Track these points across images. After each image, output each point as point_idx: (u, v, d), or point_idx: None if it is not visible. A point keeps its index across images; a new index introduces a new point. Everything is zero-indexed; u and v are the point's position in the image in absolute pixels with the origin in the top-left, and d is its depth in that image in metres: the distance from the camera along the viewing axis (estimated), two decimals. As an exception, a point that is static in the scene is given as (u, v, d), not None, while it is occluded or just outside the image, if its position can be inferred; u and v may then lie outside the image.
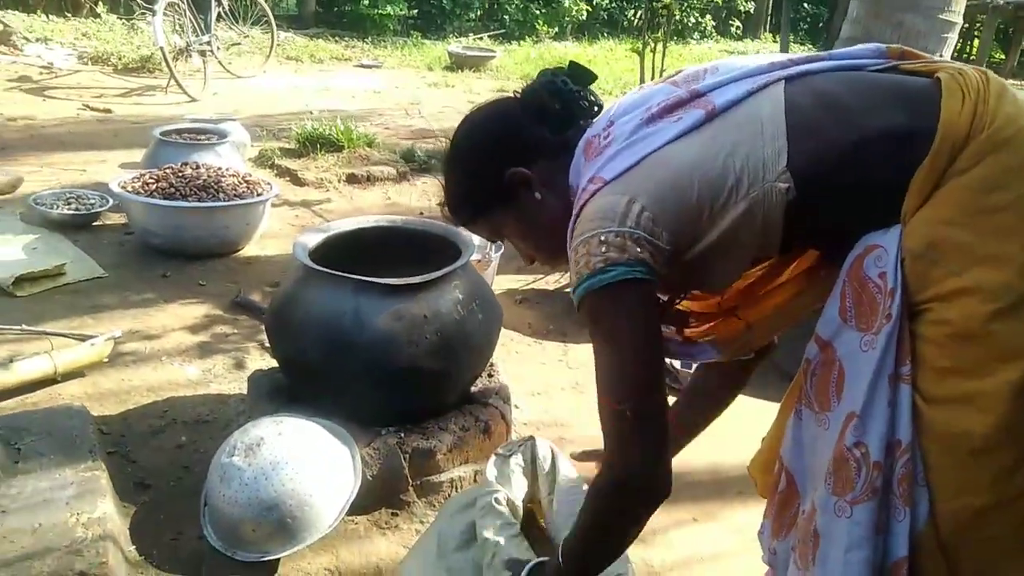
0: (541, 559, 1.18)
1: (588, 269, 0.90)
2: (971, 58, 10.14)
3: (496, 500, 1.37)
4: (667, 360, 2.52)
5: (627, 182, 0.92)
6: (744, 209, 0.90)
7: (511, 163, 1.05)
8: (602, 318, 0.92)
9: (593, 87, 1.12)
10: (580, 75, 1.10)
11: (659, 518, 1.85)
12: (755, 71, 0.95)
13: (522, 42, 10.85)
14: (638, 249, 0.89)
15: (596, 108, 1.08)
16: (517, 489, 1.47)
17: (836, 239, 0.92)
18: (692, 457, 2.04)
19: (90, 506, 1.52)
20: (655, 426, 0.92)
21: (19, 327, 2.38)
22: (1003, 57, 11.51)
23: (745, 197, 0.89)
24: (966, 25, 10.21)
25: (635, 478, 0.92)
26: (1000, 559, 0.83)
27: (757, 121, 0.90)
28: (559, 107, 1.06)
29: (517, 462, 1.52)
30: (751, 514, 1.14)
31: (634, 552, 1.75)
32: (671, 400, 1.16)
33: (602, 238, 0.90)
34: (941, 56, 2.90)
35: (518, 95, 1.10)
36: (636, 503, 0.94)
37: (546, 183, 1.05)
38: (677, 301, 1.14)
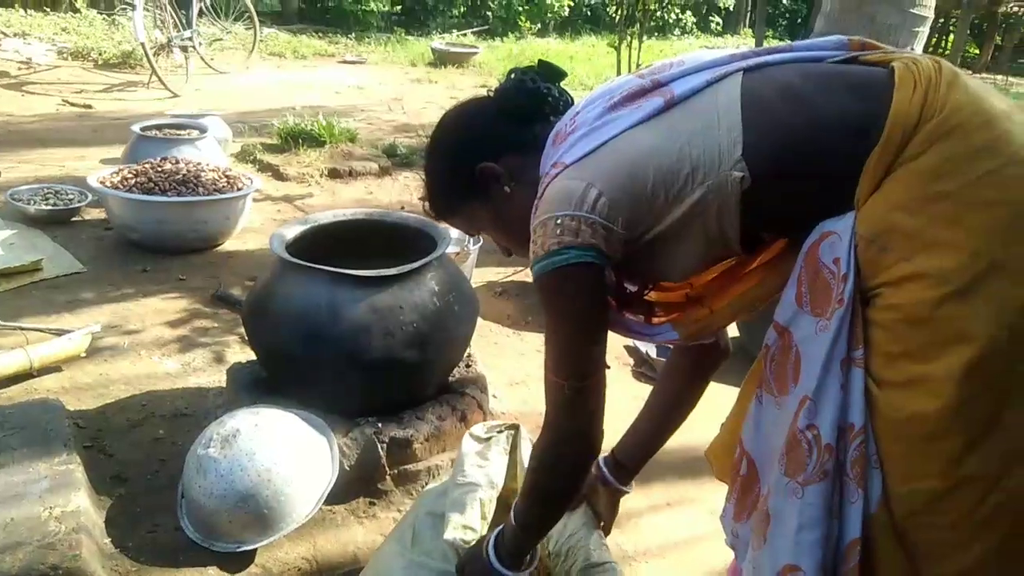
0: (497, 528, 1.21)
1: (543, 250, 0.95)
2: (946, 53, 10.23)
3: (472, 498, 1.38)
4: (643, 348, 2.56)
5: (586, 167, 0.96)
6: (699, 197, 0.92)
7: (482, 158, 1.09)
8: (552, 297, 0.98)
9: (566, 84, 1.16)
10: (550, 73, 1.14)
11: (633, 503, 1.89)
12: (716, 62, 0.97)
13: (505, 38, 10.85)
14: (591, 234, 0.93)
15: (565, 103, 1.12)
16: (496, 474, 1.48)
17: (797, 227, 0.93)
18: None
19: (64, 500, 1.52)
20: (590, 400, 1.01)
21: (-5, 322, 2.37)
22: (978, 52, 11.64)
23: (701, 185, 0.92)
24: (941, 20, 10.33)
25: (568, 442, 1.04)
26: (953, 544, 0.84)
27: (713, 111, 0.93)
28: (529, 104, 1.10)
29: (498, 447, 1.53)
30: (724, 498, 1.17)
31: (607, 537, 1.77)
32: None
33: (558, 220, 0.93)
34: (912, 50, 2.95)
35: (491, 94, 1.15)
36: (568, 463, 1.06)
37: (516, 177, 1.09)
38: (645, 292, 1.16)
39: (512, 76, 1.12)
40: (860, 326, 0.87)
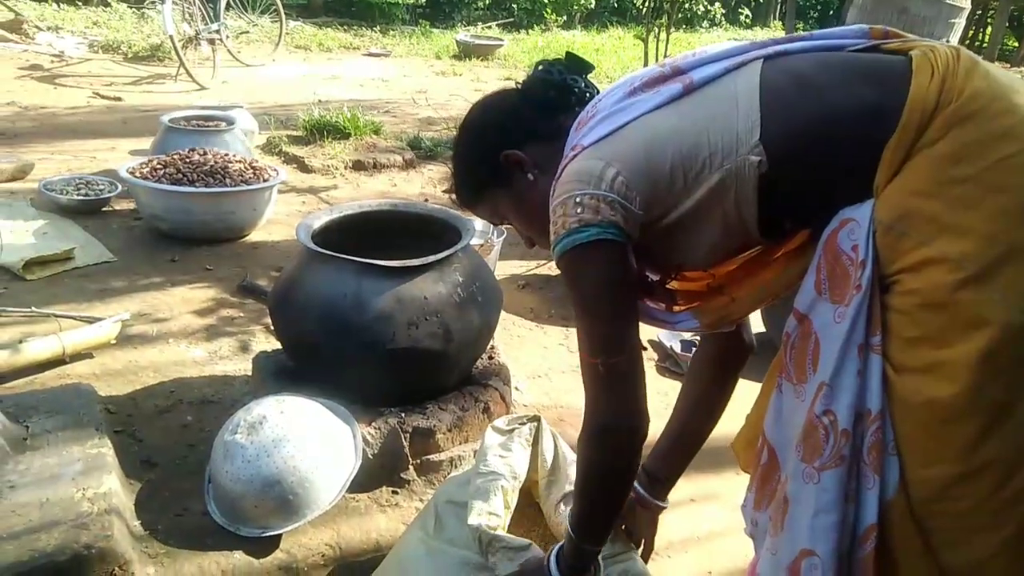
0: (557, 545, 1.18)
1: (564, 229, 0.96)
2: (983, 46, 10.01)
3: (495, 487, 1.39)
4: (667, 343, 2.54)
5: (604, 148, 0.97)
6: (717, 181, 0.93)
7: (507, 147, 1.11)
8: (576, 277, 0.98)
9: (593, 77, 1.18)
10: (576, 65, 1.16)
11: (656, 498, 1.88)
12: (736, 51, 0.99)
13: (530, 31, 10.82)
14: (611, 212, 0.94)
15: (591, 95, 1.13)
16: (518, 466, 1.49)
17: (819, 216, 0.93)
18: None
19: (96, 482, 1.55)
20: (627, 377, 0.99)
21: (28, 309, 2.42)
22: (1016, 45, 11.37)
23: (719, 169, 0.92)
24: (979, 12, 10.10)
25: (611, 424, 1.00)
26: (971, 531, 0.84)
27: (733, 97, 0.93)
28: (554, 95, 1.12)
29: (520, 439, 1.54)
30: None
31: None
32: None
33: (577, 199, 0.95)
34: (947, 42, 2.89)
35: (519, 85, 1.17)
36: (615, 446, 1.02)
37: (540, 165, 1.10)
38: (668, 280, 1.16)
39: (539, 68, 1.15)
40: (878, 312, 0.87)
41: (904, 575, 0.87)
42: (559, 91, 1.12)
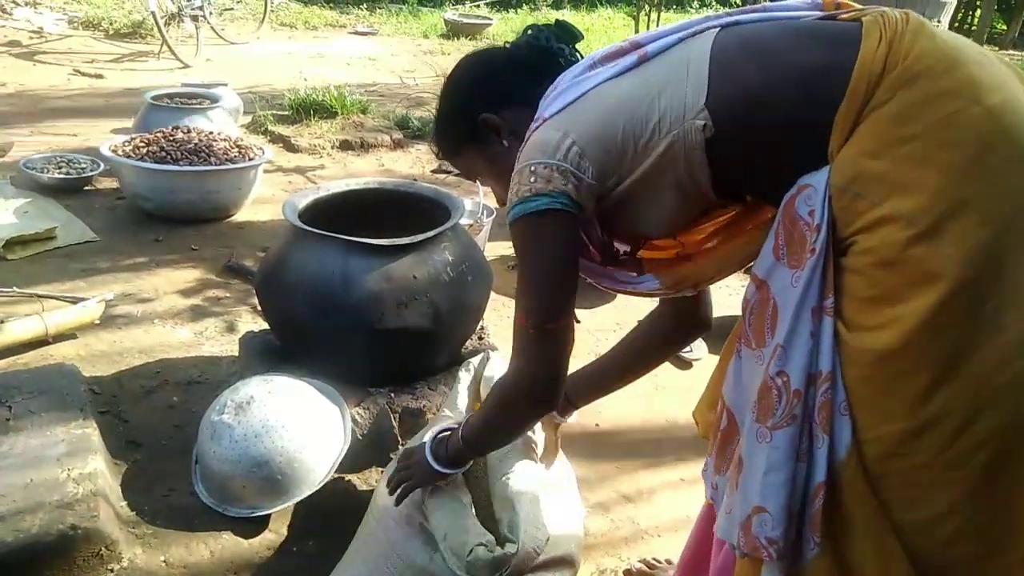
0: (441, 431, 1.31)
1: (517, 197, 0.99)
2: (972, 28, 10.02)
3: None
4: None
5: (562, 118, 1.01)
6: (666, 147, 0.95)
7: (485, 108, 1.12)
8: (523, 242, 1.02)
9: (580, 47, 1.18)
10: (565, 33, 1.16)
11: (647, 479, 1.90)
12: (692, 23, 1.01)
13: (519, 10, 10.70)
14: (562, 182, 0.97)
15: (575, 64, 1.13)
16: (460, 402, 1.58)
17: (776, 188, 0.94)
18: (678, 418, 2.08)
19: (81, 463, 1.54)
20: (552, 347, 1.05)
21: (10, 289, 2.38)
22: (1005, 28, 11.39)
23: (667, 135, 0.95)
24: (969, -6, 10.07)
25: (528, 387, 1.08)
26: (924, 488, 0.85)
27: (684, 63, 0.96)
28: (539, 61, 1.13)
29: (466, 376, 1.64)
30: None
31: (622, 512, 1.79)
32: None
33: (532, 168, 0.98)
34: (939, 23, 2.88)
35: (508, 45, 1.18)
36: (526, 406, 1.13)
37: (515, 131, 1.11)
38: (637, 251, 1.17)
39: (528, 32, 1.15)
40: (831, 275, 0.88)
41: (858, 533, 0.89)
42: (544, 57, 1.12)
